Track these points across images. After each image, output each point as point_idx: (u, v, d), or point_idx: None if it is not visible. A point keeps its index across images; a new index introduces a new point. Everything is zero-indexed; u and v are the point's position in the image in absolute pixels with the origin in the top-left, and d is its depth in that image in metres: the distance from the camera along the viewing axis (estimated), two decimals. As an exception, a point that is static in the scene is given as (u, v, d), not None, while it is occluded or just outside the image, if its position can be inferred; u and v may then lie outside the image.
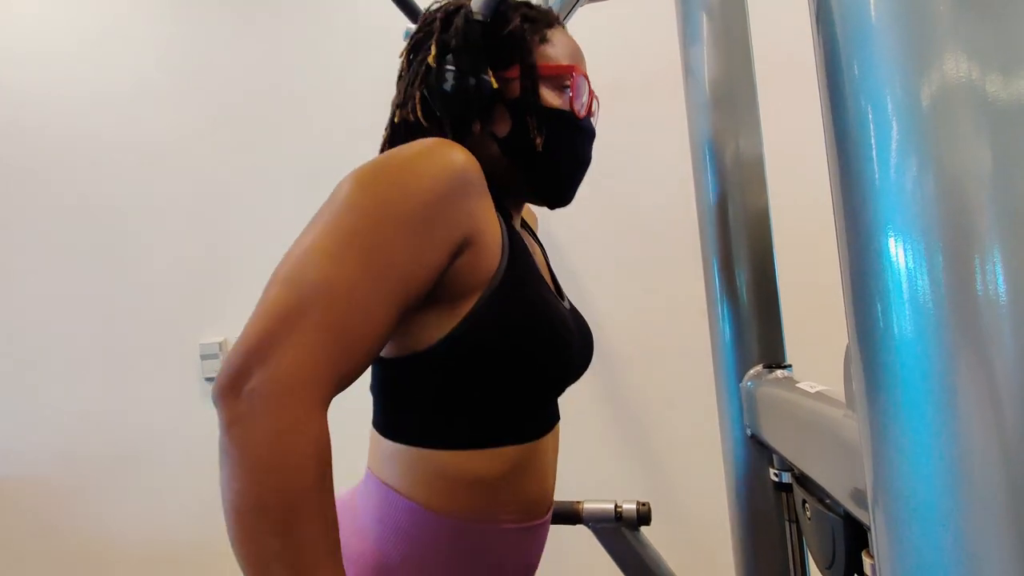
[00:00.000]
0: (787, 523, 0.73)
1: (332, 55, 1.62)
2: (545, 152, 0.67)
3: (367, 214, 0.53)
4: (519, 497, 0.65)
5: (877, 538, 0.35)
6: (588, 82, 0.71)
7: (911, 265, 0.30)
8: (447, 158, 0.56)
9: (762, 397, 0.72)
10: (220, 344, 1.65)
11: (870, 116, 0.32)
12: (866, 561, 0.46)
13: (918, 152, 0.30)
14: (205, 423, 1.66)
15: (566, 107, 0.69)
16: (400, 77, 0.72)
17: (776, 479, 0.72)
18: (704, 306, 0.87)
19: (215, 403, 0.48)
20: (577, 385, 1.42)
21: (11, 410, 1.71)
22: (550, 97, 0.68)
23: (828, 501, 0.53)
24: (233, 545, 0.48)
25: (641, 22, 1.47)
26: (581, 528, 0.98)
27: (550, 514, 0.71)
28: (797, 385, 0.61)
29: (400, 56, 0.72)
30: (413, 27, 0.91)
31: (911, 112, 0.30)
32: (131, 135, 1.68)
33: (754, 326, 0.79)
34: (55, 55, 1.70)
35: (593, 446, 1.46)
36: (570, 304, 0.77)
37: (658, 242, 1.44)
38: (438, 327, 0.58)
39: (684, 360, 1.41)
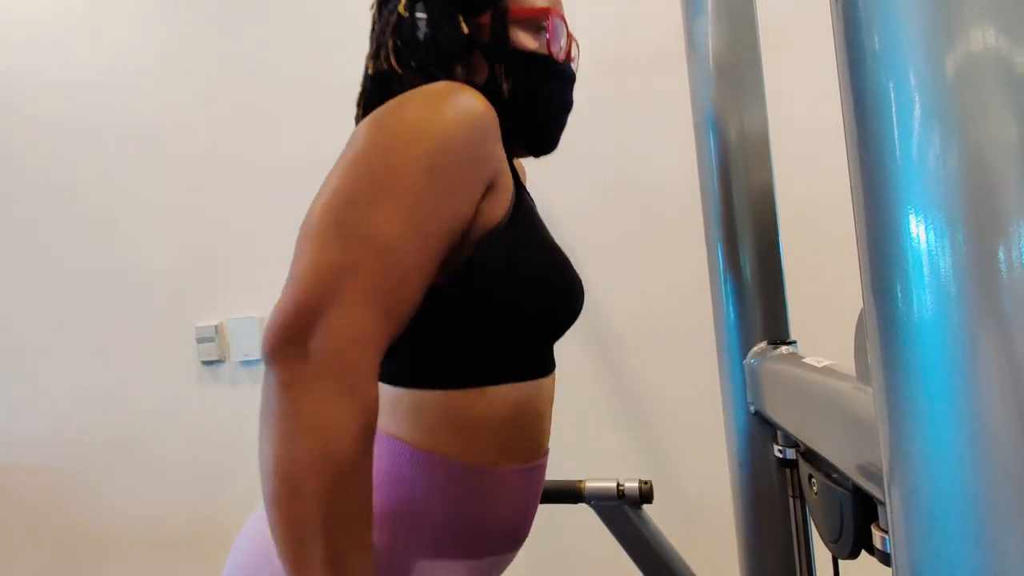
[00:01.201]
0: (791, 499, 0.74)
1: (328, 37, 1.59)
2: (521, 97, 0.67)
3: (401, 162, 0.52)
4: (520, 438, 0.65)
5: (892, 512, 0.34)
6: (566, 24, 0.70)
7: (932, 239, 0.29)
8: (469, 102, 0.56)
9: (766, 373, 0.72)
10: (216, 327, 1.64)
11: (891, 89, 0.31)
12: (876, 534, 0.46)
13: (941, 126, 0.29)
14: (202, 406, 1.65)
15: (543, 51, 0.68)
16: (372, 29, 0.71)
17: (780, 455, 0.73)
18: (704, 284, 0.87)
19: (269, 360, 0.47)
20: (578, 362, 1.43)
21: (7, 396, 1.70)
22: (525, 40, 0.67)
23: (835, 476, 0.53)
24: (269, 508, 0.47)
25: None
26: (582, 507, 0.99)
27: (547, 457, 0.72)
28: (803, 360, 0.61)
29: (371, 8, 0.71)
30: None
31: (934, 84, 0.29)
32: (123, 118, 1.65)
33: (758, 303, 0.79)
34: (42, 37, 1.66)
35: (594, 424, 1.46)
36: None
37: (658, 218, 1.43)
38: (445, 266, 0.57)
39: (685, 337, 1.41)
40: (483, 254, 0.58)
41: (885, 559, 0.46)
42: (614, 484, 0.96)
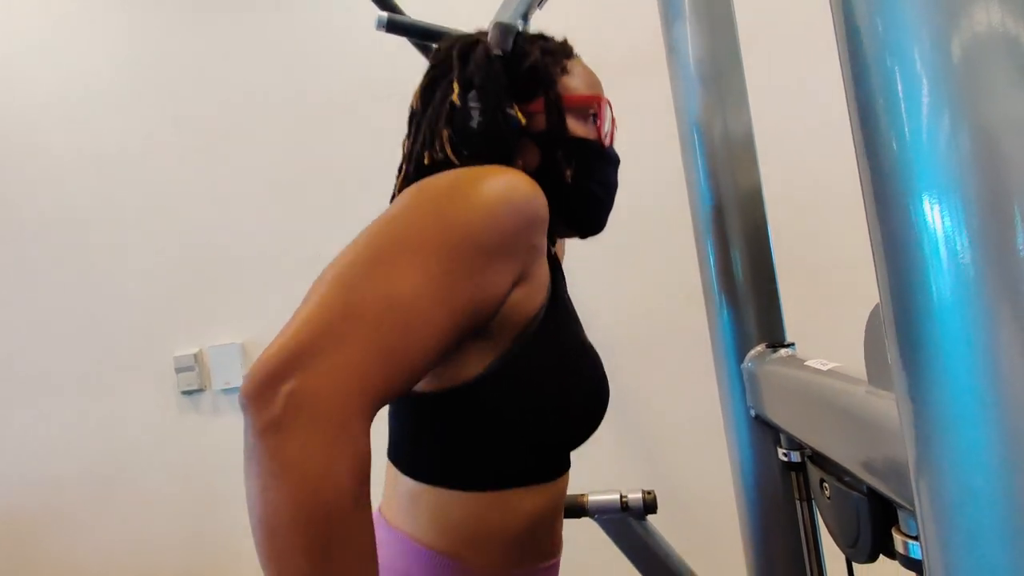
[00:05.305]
0: (799, 502, 0.72)
1: (297, 52, 1.57)
2: (576, 182, 0.67)
3: (437, 232, 0.50)
4: (535, 540, 0.64)
5: (922, 516, 0.33)
6: (611, 109, 0.71)
7: (948, 226, 0.28)
8: (522, 186, 0.55)
9: (767, 377, 0.71)
10: (195, 355, 1.59)
11: (897, 74, 0.30)
12: (897, 539, 0.45)
13: (950, 108, 0.28)
14: (184, 438, 1.60)
15: (592, 136, 0.69)
16: (413, 115, 0.70)
17: (785, 459, 0.71)
18: (692, 289, 0.86)
19: (244, 404, 0.44)
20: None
21: (-22, 438, 1.63)
22: (576, 127, 0.68)
23: (848, 479, 0.52)
24: (261, 561, 0.44)
25: None
26: (585, 521, 0.97)
27: (560, 553, 0.71)
28: (806, 364, 0.60)
29: (414, 96, 0.70)
30: (385, 16, 0.87)
31: (941, 67, 0.28)
32: (88, 142, 1.61)
33: (752, 306, 0.78)
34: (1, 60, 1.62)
35: (592, 436, 1.44)
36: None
37: (644, 224, 1.43)
38: (479, 361, 0.57)
39: (677, 344, 1.40)
40: (515, 354, 0.57)
41: (908, 564, 0.45)
42: (617, 496, 0.94)
